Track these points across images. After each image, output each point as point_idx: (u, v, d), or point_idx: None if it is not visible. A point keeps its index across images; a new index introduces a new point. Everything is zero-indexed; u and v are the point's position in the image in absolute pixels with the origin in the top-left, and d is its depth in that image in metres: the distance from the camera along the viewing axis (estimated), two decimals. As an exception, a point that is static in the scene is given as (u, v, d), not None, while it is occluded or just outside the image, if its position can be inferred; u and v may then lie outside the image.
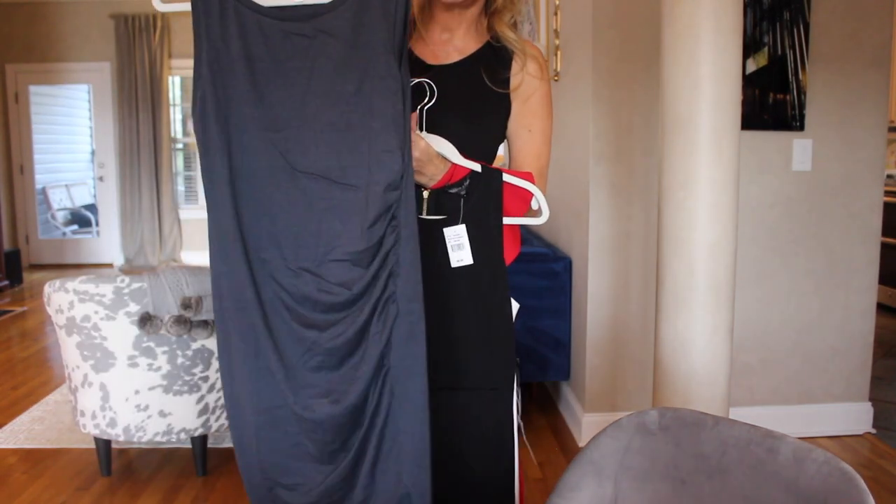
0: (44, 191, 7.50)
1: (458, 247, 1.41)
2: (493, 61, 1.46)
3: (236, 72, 1.25)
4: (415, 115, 1.33)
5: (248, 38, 1.25)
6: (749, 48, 2.72)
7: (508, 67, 1.47)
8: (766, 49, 2.75)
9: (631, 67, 2.75)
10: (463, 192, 1.39)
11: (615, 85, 2.75)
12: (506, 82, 1.46)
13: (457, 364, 1.43)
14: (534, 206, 1.44)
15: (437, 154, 1.36)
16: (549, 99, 1.50)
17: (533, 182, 1.44)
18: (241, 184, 1.28)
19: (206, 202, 1.30)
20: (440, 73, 1.43)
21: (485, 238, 1.42)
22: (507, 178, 1.42)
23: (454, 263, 1.41)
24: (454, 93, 1.42)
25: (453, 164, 1.38)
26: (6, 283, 6.08)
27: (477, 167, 1.40)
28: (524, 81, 1.47)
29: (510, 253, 1.47)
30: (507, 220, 1.45)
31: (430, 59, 1.46)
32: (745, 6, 2.66)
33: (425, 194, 1.39)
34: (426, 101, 1.39)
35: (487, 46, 1.48)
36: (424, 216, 1.39)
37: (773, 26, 2.73)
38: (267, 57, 1.25)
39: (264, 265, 1.30)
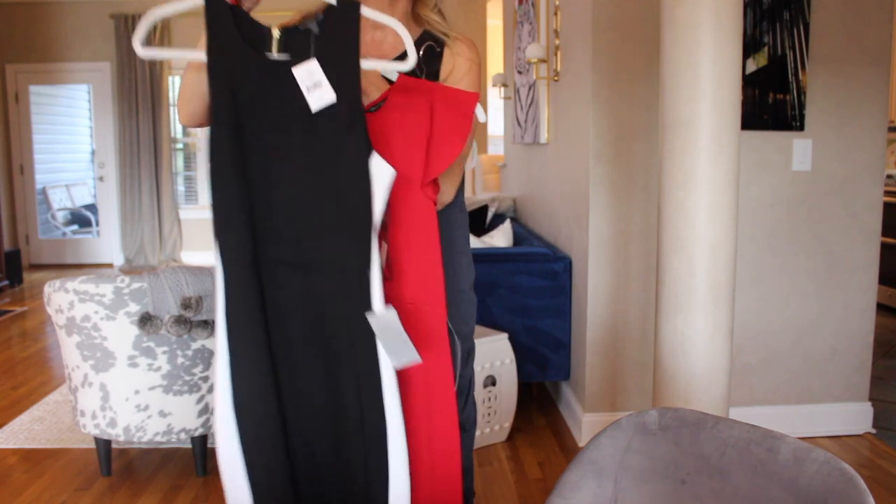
0: (44, 191, 7.50)
1: (315, 86, 1.27)
2: (426, 56, 1.47)
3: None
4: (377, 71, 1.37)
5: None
6: (749, 48, 2.73)
7: (440, 60, 1.48)
8: (766, 49, 2.75)
9: (631, 67, 2.75)
10: (315, 29, 1.31)
11: (615, 85, 2.75)
12: (436, 75, 1.47)
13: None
14: (480, 118, 1.40)
15: (377, 74, 1.38)
16: (478, 82, 1.52)
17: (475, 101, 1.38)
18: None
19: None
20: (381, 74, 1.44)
21: (340, 79, 1.28)
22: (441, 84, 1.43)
23: (315, 107, 1.27)
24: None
25: None
26: (6, 283, 6.08)
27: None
28: (456, 65, 1.48)
29: (440, 165, 1.39)
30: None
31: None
32: (745, 6, 2.66)
33: (275, 33, 1.30)
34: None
35: (419, 42, 1.49)
36: (273, 57, 1.30)
37: (773, 26, 2.73)
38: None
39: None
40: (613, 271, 2.84)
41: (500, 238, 3.48)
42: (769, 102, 2.77)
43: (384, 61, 1.39)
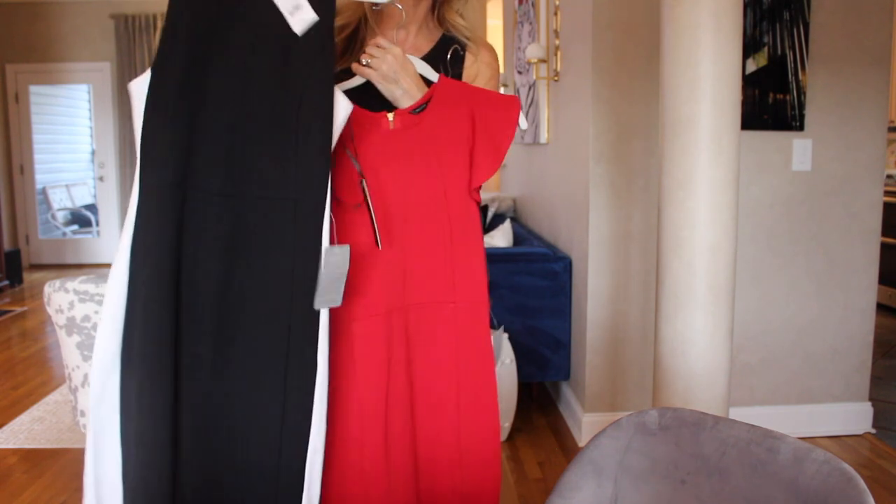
0: (44, 191, 7.50)
1: (296, 9, 1.23)
2: (447, 58, 1.47)
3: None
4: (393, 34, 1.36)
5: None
6: (749, 48, 2.73)
7: (461, 63, 1.47)
8: (765, 49, 2.75)
9: (631, 67, 2.75)
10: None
11: (615, 85, 2.75)
12: (458, 77, 1.47)
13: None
14: (522, 125, 1.39)
15: (416, 72, 1.36)
16: (498, 89, 1.52)
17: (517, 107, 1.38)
18: None
19: None
20: None
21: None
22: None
23: (298, 29, 1.23)
24: None
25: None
26: (6, 283, 6.08)
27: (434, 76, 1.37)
28: (480, 72, 1.48)
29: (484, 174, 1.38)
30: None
31: None
32: (745, 6, 2.66)
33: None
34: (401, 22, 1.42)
35: (441, 43, 1.49)
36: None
37: (773, 26, 2.73)
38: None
39: None
40: (613, 271, 2.84)
41: (500, 238, 3.49)
42: (769, 102, 2.77)
43: (422, 61, 1.39)
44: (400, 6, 1.40)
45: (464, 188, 1.37)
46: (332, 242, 1.24)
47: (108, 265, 7.33)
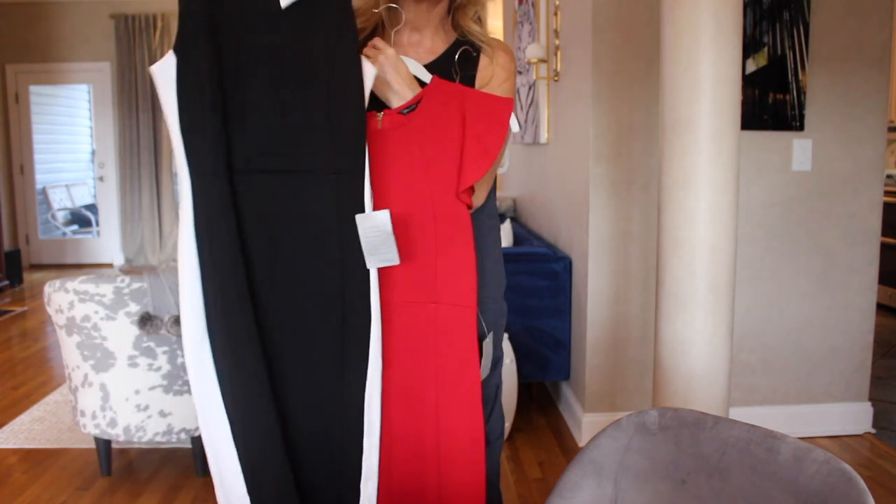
0: (44, 191, 7.50)
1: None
2: (461, 60, 1.47)
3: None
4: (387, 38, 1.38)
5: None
6: (749, 48, 2.72)
7: (475, 65, 1.47)
8: (765, 49, 2.75)
9: (631, 67, 2.75)
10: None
11: (615, 85, 2.75)
12: (471, 79, 1.46)
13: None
14: (513, 127, 1.38)
15: (409, 72, 1.36)
16: (513, 92, 1.51)
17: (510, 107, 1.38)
18: None
19: None
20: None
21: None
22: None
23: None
24: None
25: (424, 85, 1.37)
26: (6, 283, 6.08)
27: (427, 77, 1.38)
28: (495, 74, 1.47)
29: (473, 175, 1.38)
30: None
31: None
32: (745, 6, 2.66)
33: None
34: (399, 26, 1.43)
35: (455, 46, 1.48)
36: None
37: (773, 26, 2.73)
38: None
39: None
40: (613, 271, 2.84)
41: (501, 238, 3.48)
42: (769, 102, 2.77)
43: (417, 63, 1.39)
44: (398, 7, 1.40)
45: (452, 190, 1.35)
46: (374, 208, 1.32)
47: (109, 265, 7.36)
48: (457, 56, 1.47)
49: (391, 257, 1.29)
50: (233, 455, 1.35)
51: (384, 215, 1.27)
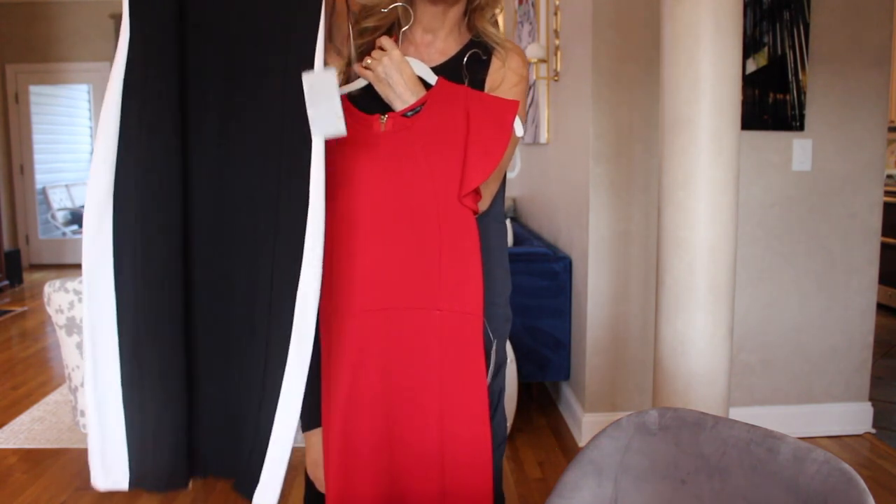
0: (44, 191, 7.50)
1: None
2: (472, 62, 1.46)
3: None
4: (394, 38, 1.35)
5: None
6: (749, 48, 2.73)
7: (486, 68, 1.46)
8: (766, 49, 2.75)
9: (631, 67, 2.75)
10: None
11: (615, 85, 2.75)
12: (481, 83, 1.45)
13: None
14: (518, 131, 1.36)
15: (413, 74, 1.34)
16: (524, 96, 1.49)
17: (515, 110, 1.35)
18: None
19: None
20: None
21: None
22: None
23: None
24: None
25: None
26: (6, 283, 6.08)
27: (433, 79, 1.35)
28: (506, 78, 1.46)
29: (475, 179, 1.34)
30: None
31: None
32: (745, 6, 2.66)
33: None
34: (405, 27, 1.40)
35: (468, 48, 1.48)
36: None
37: (773, 26, 2.73)
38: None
39: None
40: (613, 271, 2.84)
41: (500, 238, 3.48)
42: (769, 102, 2.77)
43: (423, 64, 1.37)
44: (405, 5, 1.39)
45: (456, 193, 1.33)
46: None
47: (108, 265, 7.35)
48: (466, 59, 1.46)
49: (337, 126, 1.18)
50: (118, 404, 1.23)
51: (330, 73, 1.18)
